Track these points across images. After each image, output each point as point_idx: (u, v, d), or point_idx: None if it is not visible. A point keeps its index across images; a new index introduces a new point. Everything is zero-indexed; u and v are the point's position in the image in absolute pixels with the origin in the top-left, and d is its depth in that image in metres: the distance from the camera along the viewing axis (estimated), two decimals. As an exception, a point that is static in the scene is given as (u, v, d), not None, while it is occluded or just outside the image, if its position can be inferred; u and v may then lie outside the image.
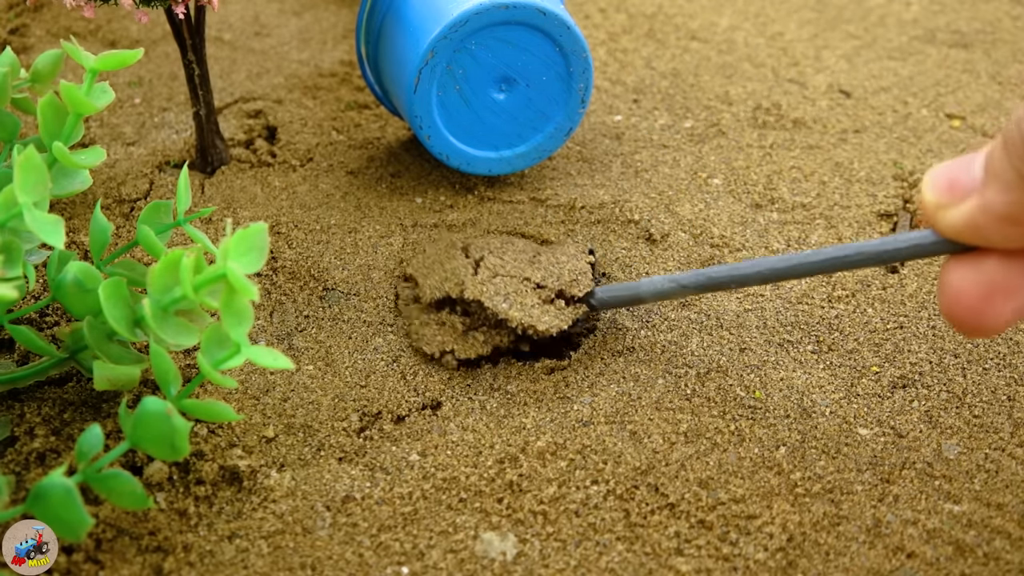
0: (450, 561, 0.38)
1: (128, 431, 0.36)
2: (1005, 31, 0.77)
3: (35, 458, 0.41)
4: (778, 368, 0.47)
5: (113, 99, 0.45)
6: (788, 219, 0.56)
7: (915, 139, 0.64)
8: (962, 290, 0.34)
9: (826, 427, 0.44)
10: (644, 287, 0.45)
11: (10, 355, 0.46)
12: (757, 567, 0.38)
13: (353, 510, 0.40)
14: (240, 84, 0.68)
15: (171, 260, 0.37)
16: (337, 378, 0.46)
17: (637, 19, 0.78)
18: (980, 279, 0.33)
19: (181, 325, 0.38)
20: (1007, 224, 0.32)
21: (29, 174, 0.37)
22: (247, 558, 0.38)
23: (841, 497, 0.41)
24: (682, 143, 0.63)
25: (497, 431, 0.44)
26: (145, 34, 0.73)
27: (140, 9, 0.49)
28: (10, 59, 0.48)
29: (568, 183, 0.59)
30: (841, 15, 0.79)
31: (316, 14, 0.78)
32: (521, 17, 0.52)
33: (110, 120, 0.64)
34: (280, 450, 0.43)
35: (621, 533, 0.39)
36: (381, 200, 0.57)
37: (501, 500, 0.40)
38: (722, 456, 0.43)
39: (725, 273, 0.42)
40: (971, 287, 0.34)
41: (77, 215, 0.55)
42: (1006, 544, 0.39)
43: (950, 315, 0.34)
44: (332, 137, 0.63)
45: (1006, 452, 0.43)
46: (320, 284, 0.52)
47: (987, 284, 0.33)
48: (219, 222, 0.55)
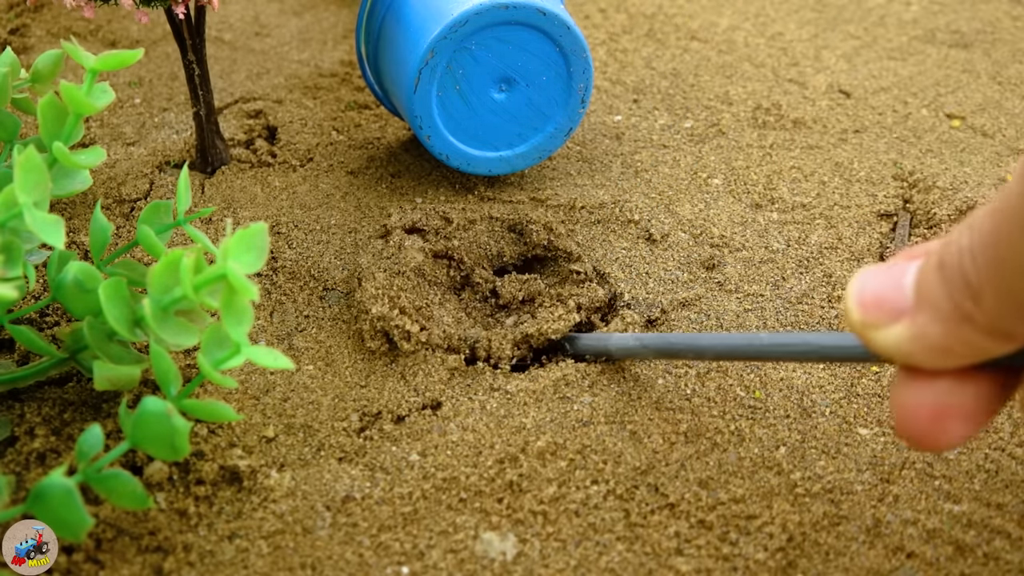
0: (450, 561, 0.38)
1: (128, 431, 0.36)
2: (1005, 31, 0.77)
3: (35, 458, 0.41)
4: (778, 368, 0.47)
5: (113, 99, 0.45)
6: (788, 219, 0.56)
7: (915, 139, 0.64)
8: (914, 411, 0.31)
9: (826, 427, 0.44)
10: (613, 341, 0.46)
11: (10, 355, 0.46)
12: (757, 567, 0.38)
13: (353, 510, 0.40)
14: (240, 84, 0.68)
15: (171, 260, 0.37)
16: (337, 378, 0.46)
17: (637, 19, 0.78)
18: (932, 401, 0.31)
19: (181, 325, 0.38)
20: (940, 354, 0.30)
21: (29, 174, 0.37)
22: (247, 558, 0.38)
23: (841, 497, 0.41)
24: (682, 143, 0.63)
25: (497, 431, 0.44)
26: (145, 34, 0.73)
27: (140, 9, 0.49)
28: (10, 59, 0.48)
29: (568, 183, 0.59)
30: (841, 15, 0.79)
31: (316, 14, 0.78)
32: (521, 17, 0.52)
33: (110, 120, 0.64)
34: (280, 450, 0.43)
35: (621, 533, 0.39)
36: (381, 200, 0.57)
37: (501, 500, 0.41)
38: (722, 456, 0.43)
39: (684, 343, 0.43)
40: (923, 409, 0.31)
41: (77, 215, 0.55)
42: (1006, 544, 0.39)
43: (902, 433, 0.32)
44: (332, 137, 0.63)
45: (1006, 452, 0.43)
46: (320, 284, 0.52)
47: (939, 406, 0.31)
48: (219, 222, 0.55)
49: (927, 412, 0.31)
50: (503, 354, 0.47)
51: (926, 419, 0.31)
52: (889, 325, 0.31)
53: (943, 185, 0.59)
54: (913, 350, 0.30)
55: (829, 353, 0.36)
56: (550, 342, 0.48)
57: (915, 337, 0.30)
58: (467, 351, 0.48)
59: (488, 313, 0.52)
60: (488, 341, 0.48)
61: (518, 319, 0.51)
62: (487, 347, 0.48)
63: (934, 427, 0.31)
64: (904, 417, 0.32)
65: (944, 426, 0.31)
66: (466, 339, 0.48)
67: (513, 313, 0.51)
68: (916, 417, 0.31)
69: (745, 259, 0.54)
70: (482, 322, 0.51)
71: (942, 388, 0.31)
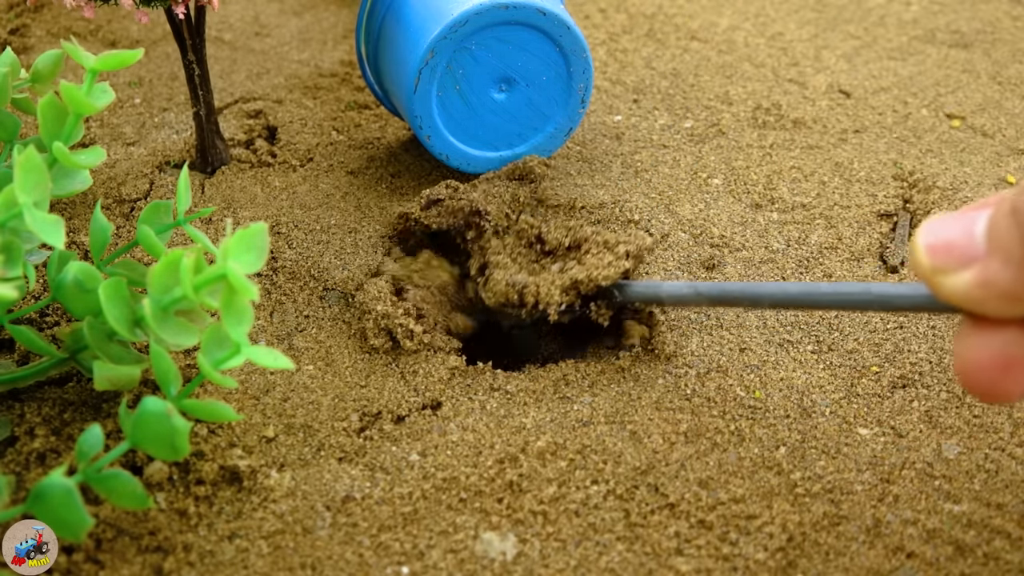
0: (450, 561, 0.38)
1: (128, 431, 0.36)
2: (1005, 31, 0.77)
3: (35, 458, 0.41)
4: (778, 368, 0.47)
5: (113, 99, 0.45)
6: (788, 219, 0.56)
7: (915, 139, 0.64)
8: (979, 361, 0.31)
9: (826, 427, 0.44)
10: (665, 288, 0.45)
11: (10, 355, 0.46)
12: (757, 567, 0.38)
13: (353, 510, 0.40)
14: (240, 84, 0.68)
15: (171, 260, 0.37)
16: (337, 378, 0.46)
17: (637, 19, 0.78)
18: (998, 351, 0.31)
19: (181, 325, 0.38)
20: (1009, 302, 0.30)
21: (29, 174, 0.37)
22: (247, 558, 0.38)
23: (841, 497, 0.41)
24: (682, 143, 0.63)
25: (497, 431, 0.44)
26: (145, 34, 0.73)
27: (140, 9, 0.49)
28: (10, 59, 0.48)
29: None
30: (841, 15, 0.79)
31: (316, 14, 0.78)
32: (521, 17, 0.52)
33: (110, 120, 0.64)
34: (280, 450, 0.43)
35: (621, 533, 0.39)
36: (381, 200, 0.57)
37: (501, 500, 0.40)
38: (722, 456, 0.43)
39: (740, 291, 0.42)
40: (988, 359, 0.31)
41: (77, 215, 0.55)
42: (1006, 544, 0.39)
43: (966, 383, 0.32)
44: (332, 137, 0.63)
45: (1006, 452, 0.43)
46: (320, 284, 0.52)
47: (1006, 357, 0.31)
48: (219, 222, 0.55)
49: (993, 363, 0.31)
50: (551, 300, 0.46)
51: (992, 370, 0.31)
52: (959, 271, 0.31)
53: (943, 185, 0.59)
54: (982, 296, 0.30)
55: (893, 302, 0.35)
56: (599, 289, 0.47)
57: (985, 283, 0.30)
58: (516, 297, 0.47)
59: (533, 259, 0.50)
60: (536, 287, 0.47)
61: (564, 265, 0.49)
62: (535, 293, 0.46)
63: (1000, 378, 0.31)
64: (968, 369, 0.31)
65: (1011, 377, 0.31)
66: (514, 284, 0.47)
67: (559, 260, 0.50)
68: (981, 368, 0.31)
69: (745, 259, 0.54)
70: (527, 268, 0.50)
71: (1009, 338, 0.31)
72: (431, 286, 0.51)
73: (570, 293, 0.46)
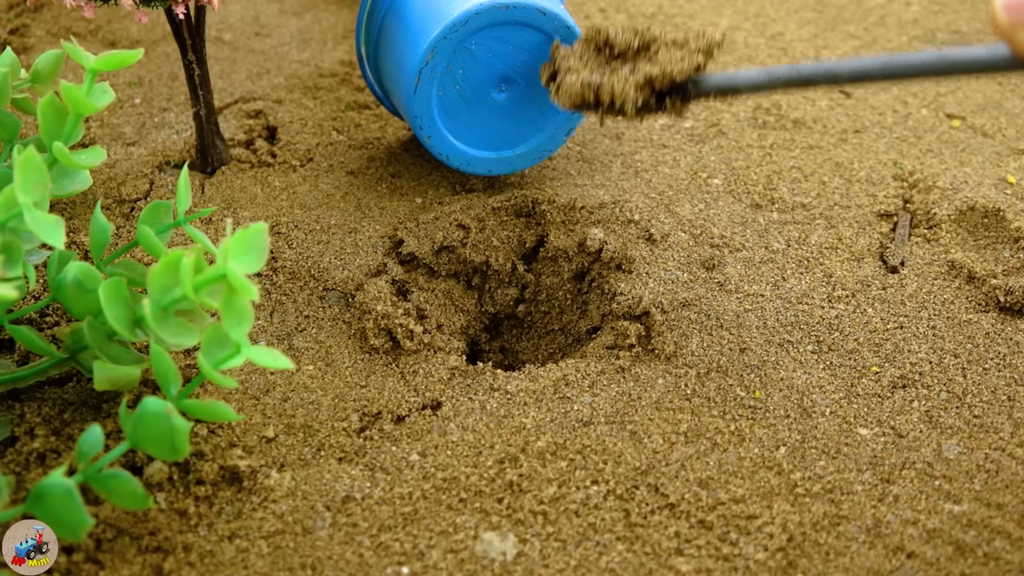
0: (450, 561, 0.38)
1: (128, 431, 0.36)
2: (1005, 31, 0.77)
3: (35, 458, 0.41)
4: (778, 368, 0.47)
5: (113, 99, 0.45)
6: (788, 219, 0.56)
7: (915, 139, 0.64)
8: None
9: (826, 427, 0.44)
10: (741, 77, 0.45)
11: (10, 355, 0.46)
12: (757, 567, 0.38)
13: (353, 510, 0.40)
14: (240, 84, 0.68)
15: (171, 260, 0.37)
16: (337, 378, 0.46)
17: (637, 19, 0.78)
18: None
19: (181, 325, 0.38)
20: None
21: (29, 174, 0.37)
22: (247, 558, 0.38)
23: (841, 497, 0.41)
24: (682, 143, 0.63)
25: (497, 431, 0.44)
26: (145, 34, 0.73)
27: (140, 9, 0.49)
28: (10, 59, 0.48)
29: (568, 183, 0.59)
30: (841, 15, 0.79)
31: (316, 14, 0.78)
32: (521, 17, 0.52)
33: (110, 120, 0.64)
34: (280, 450, 0.43)
35: (621, 533, 0.39)
36: (381, 200, 0.57)
37: (501, 500, 0.40)
38: (722, 456, 0.43)
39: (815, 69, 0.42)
40: None
41: (77, 215, 0.55)
42: (1006, 544, 0.39)
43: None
44: (332, 137, 0.63)
45: (1006, 452, 0.43)
46: (320, 284, 0.52)
47: None
48: (219, 222, 0.55)
49: None
50: (627, 97, 0.46)
51: None
52: None
53: (943, 185, 0.59)
54: None
55: (970, 65, 0.37)
56: (673, 83, 0.46)
57: None
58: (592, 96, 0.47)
59: (603, 63, 0.50)
60: (611, 85, 0.46)
61: (635, 66, 0.48)
62: (610, 91, 0.46)
63: None
64: None
65: None
66: (590, 84, 0.46)
67: (629, 62, 0.49)
68: None
69: (745, 259, 0.54)
70: (598, 71, 0.49)
71: None
72: (436, 289, 0.51)
73: (645, 90, 0.46)
